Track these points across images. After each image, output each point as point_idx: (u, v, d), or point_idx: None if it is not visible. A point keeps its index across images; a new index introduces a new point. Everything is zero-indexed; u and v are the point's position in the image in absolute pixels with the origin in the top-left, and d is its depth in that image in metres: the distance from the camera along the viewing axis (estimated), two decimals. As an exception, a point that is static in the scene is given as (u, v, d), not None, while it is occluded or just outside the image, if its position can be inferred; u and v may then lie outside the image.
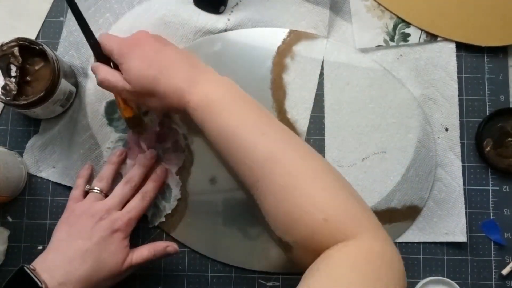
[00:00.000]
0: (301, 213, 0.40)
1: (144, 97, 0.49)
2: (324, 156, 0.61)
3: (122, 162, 0.59)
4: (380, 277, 0.37)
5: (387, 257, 0.39)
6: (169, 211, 0.60)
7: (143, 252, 0.54)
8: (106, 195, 0.56)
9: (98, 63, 0.52)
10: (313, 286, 0.36)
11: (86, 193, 0.57)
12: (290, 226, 0.41)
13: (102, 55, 0.52)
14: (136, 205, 0.55)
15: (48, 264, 0.50)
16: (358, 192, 0.44)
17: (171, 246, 0.55)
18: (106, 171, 0.58)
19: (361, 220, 0.41)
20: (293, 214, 0.40)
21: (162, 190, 0.60)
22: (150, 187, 0.57)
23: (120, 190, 0.56)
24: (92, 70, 0.53)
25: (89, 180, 0.59)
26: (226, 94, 0.47)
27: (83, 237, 0.51)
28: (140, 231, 0.60)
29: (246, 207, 0.60)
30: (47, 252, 0.51)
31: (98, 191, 0.56)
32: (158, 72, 0.47)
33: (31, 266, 0.49)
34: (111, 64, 0.53)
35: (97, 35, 0.62)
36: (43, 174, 0.61)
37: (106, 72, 0.51)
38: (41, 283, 0.47)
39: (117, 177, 0.59)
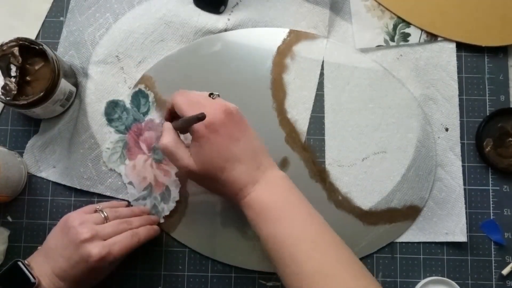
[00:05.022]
0: None
1: (203, 179, 0.50)
2: (324, 156, 0.61)
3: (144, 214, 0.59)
4: None
5: None
6: (167, 213, 0.60)
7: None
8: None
9: (170, 126, 0.52)
10: None
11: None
12: None
13: (176, 116, 0.52)
14: (123, 239, 0.52)
15: (41, 262, 0.50)
16: None
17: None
18: (125, 211, 0.57)
19: None
20: None
21: (162, 192, 0.60)
22: (143, 232, 0.55)
23: (116, 223, 0.54)
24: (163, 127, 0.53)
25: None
26: (280, 198, 0.48)
27: (64, 256, 0.50)
28: (140, 231, 0.61)
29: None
30: (40, 252, 0.52)
31: (104, 216, 0.54)
32: (225, 162, 0.48)
33: (26, 262, 0.49)
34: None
35: (97, 34, 0.62)
36: (43, 174, 0.61)
37: (175, 142, 0.50)
38: (34, 278, 0.47)
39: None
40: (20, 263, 0.48)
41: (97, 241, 0.50)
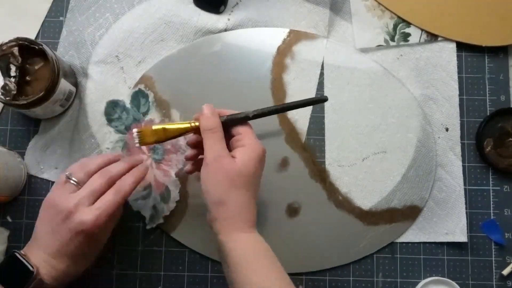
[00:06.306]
0: None
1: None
2: (324, 156, 0.61)
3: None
4: None
5: None
6: (168, 213, 0.60)
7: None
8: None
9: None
10: None
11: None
12: None
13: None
14: (108, 200, 0.50)
15: (35, 251, 0.50)
16: None
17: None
18: (92, 165, 0.52)
19: None
20: None
21: (161, 192, 0.60)
22: (127, 181, 0.52)
23: (93, 182, 0.51)
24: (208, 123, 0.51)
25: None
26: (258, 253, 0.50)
27: (56, 236, 0.49)
28: (140, 232, 0.60)
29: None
30: (32, 241, 0.51)
31: (75, 183, 0.51)
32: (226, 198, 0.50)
33: (22, 252, 0.49)
34: None
35: (97, 34, 0.62)
36: (46, 176, 0.61)
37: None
38: (32, 267, 0.47)
39: None
40: (17, 254, 0.48)
41: (82, 207, 0.49)
